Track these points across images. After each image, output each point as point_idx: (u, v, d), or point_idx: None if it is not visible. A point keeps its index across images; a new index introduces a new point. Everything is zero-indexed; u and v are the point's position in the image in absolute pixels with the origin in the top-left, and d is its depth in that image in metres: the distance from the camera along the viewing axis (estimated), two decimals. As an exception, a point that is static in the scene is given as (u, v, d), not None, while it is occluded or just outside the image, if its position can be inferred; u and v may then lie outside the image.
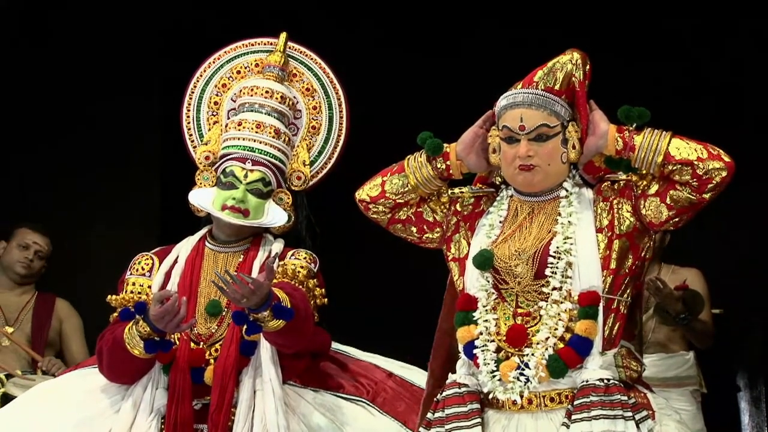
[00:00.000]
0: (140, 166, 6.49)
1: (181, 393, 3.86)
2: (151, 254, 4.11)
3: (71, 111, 6.46)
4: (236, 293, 3.62)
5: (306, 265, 4.01)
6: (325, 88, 4.31)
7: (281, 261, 4.00)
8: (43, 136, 6.46)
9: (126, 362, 3.86)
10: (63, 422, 3.89)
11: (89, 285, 4.45)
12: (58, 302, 5.84)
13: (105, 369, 3.93)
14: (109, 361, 3.89)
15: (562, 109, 3.41)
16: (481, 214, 3.53)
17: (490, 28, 6.44)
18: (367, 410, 3.97)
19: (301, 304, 3.81)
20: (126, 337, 3.81)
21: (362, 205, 3.62)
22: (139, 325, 3.80)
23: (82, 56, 6.48)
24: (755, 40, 6.20)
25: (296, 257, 4.03)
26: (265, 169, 4.07)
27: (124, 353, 3.83)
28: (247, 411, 3.84)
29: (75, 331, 5.82)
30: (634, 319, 3.49)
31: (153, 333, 3.79)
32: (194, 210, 4.15)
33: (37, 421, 3.92)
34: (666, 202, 3.33)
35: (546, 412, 3.32)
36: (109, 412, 3.91)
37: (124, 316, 3.88)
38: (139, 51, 6.52)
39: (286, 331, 3.75)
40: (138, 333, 3.80)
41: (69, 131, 6.47)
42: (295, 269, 3.98)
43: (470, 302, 3.41)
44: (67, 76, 6.46)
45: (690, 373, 5.68)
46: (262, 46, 4.35)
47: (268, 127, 4.11)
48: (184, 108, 4.31)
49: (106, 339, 3.90)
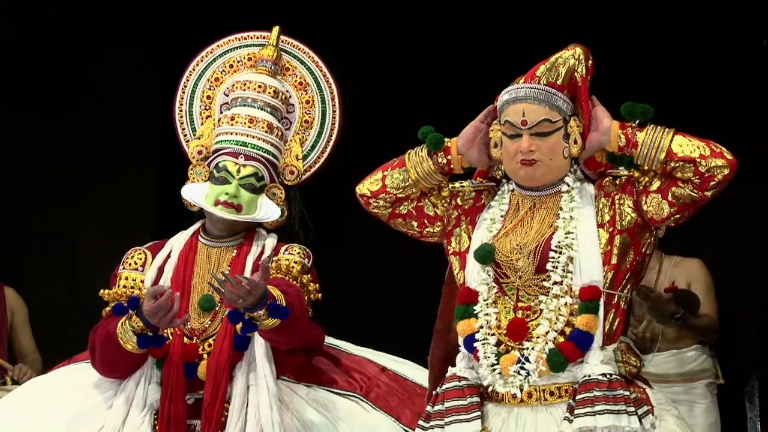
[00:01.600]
0: (134, 159, 6.46)
1: (175, 388, 3.83)
2: (144, 249, 4.08)
3: (65, 103, 6.43)
4: (232, 294, 3.61)
5: (300, 260, 4.00)
6: (318, 82, 4.30)
7: (275, 256, 3.99)
8: (37, 130, 6.42)
9: (119, 357, 3.83)
10: (56, 418, 3.87)
11: (81, 280, 4.41)
12: (7, 291, 5.65)
13: (98, 363, 3.91)
14: (101, 355, 3.87)
15: (564, 104, 3.42)
16: (482, 208, 3.54)
17: (490, 21, 6.44)
18: (361, 405, 3.96)
19: (296, 302, 3.80)
20: (119, 332, 3.78)
21: (363, 200, 3.61)
22: (132, 320, 3.77)
23: (76, 48, 6.44)
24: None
25: (290, 252, 4.02)
26: (258, 164, 4.05)
27: (117, 348, 3.80)
28: (241, 407, 3.82)
29: (24, 322, 5.62)
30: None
31: (146, 328, 3.76)
32: (187, 205, 4.13)
33: (29, 417, 3.89)
34: (668, 198, 3.35)
35: (546, 406, 3.33)
36: (101, 408, 3.88)
37: (117, 311, 3.84)
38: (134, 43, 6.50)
39: (282, 329, 3.75)
40: (131, 328, 3.77)
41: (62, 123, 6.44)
42: (288, 264, 3.97)
43: (471, 296, 3.42)
44: (62, 68, 6.43)
45: (705, 366, 5.66)
46: (255, 40, 4.32)
47: (261, 121, 4.09)
48: (177, 102, 4.29)
49: (99, 334, 3.87)
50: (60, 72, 6.42)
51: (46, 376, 4.15)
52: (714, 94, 6.07)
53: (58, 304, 6.06)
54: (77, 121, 6.43)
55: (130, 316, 3.78)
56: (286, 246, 4.05)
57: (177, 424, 3.82)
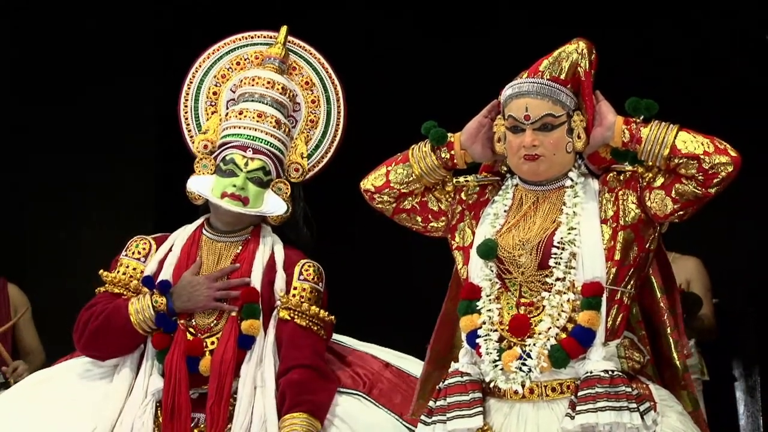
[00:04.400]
0: (136, 154, 6.47)
1: (178, 380, 3.84)
2: (149, 238, 4.09)
3: (67, 97, 6.44)
4: None
5: (314, 287, 3.99)
6: (323, 82, 4.31)
7: (286, 272, 3.99)
8: (39, 123, 6.44)
9: (117, 333, 3.88)
10: (56, 411, 3.88)
11: (83, 275, 4.41)
12: (10, 287, 5.68)
13: (84, 337, 3.93)
14: (95, 328, 3.90)
15: (568, 98, 3.41)
16: (486, 202, 3.53)
17: (493, 17, 6.44)
18: (363, 403, 3.95)
19: (323, 396, 3.88)
20: (133, 308, 3.88)
21: (367, 195, 3.61)
22: (154, 298, 3.88)
23: (78, 42, 6.46)
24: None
25: (305, 278, 4.00)
26: (266, 158, 4.06)
27: (121, 323, 3.87)
28: (248, 407, 3.84)
29: (28, 318, 5.64)
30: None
31: (167, 310, 3.87)
32: (192, 198, 4.13)
33: (29, 411, 3.90)
34: (671, 195, 3.33)
35: (547, 401, 3.32)
36: (101, 400, 3.89)
37: (146, 283, 3.96)
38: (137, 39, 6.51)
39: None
40: (153, 304, 3.87)
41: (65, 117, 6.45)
42: (300, 299, 3.96)
43: (474, 291, 3.41)
44: (64, 62, 6.44)
45: (691, 362, 5.67)
46: (263, 39, 4.33)
47: (270, 117, 4.10)
48: (182, 98, 4.29)
49: (99, 308, 3.92)
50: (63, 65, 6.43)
51: (46, 370, 4.16)
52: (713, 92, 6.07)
53: (60, 299, 6.05)
54: (79, 115, 6.45)
55: (153, 293, 3.89)
56: (301, 264, 4.02)
57: (181, 414, 3.83)
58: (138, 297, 3.92)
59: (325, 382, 3.90)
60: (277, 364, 3.91)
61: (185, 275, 3.94)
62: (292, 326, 3.92)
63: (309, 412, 3.82)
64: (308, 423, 3.80)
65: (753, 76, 6.14)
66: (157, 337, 3.91)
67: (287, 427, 3.79)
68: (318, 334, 3.94)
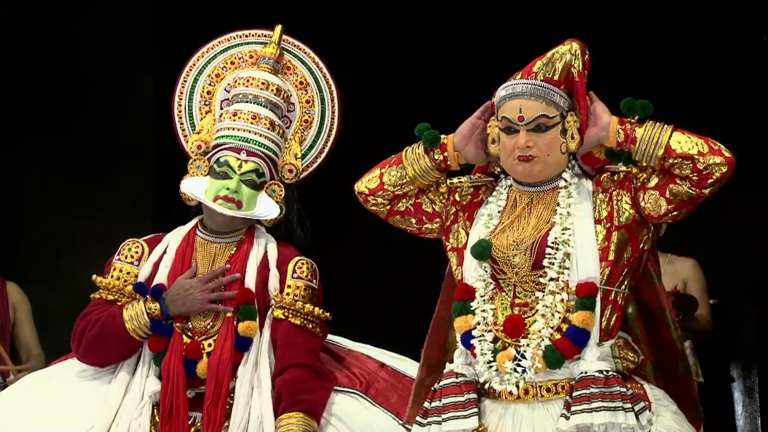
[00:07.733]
0: (133, 153, 6.47)
1: (176, 383, 3.85)
2: (142, 241, 4.08)
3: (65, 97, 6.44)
4: None
5: (308, 284, 3.99)
6: (318, 82, 4.30)
7: (279, 270, 3.99)
8: (36, 123, 6.44)
9: (114, 341, 3.89)
10: (54, 410, 3.88)
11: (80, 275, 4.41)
12: (9, 286, 5.69)
13: (83, 346, 3.93)
14: (92, 337, 3.90)
15: (561, 99, 3.41)
16: (480, 203, 3.53)
17: (488, 18, 6.44)
18: (360, 403, 3.96)
19: (319, 395, 3.88)
20: (128, 314, 3.87)
21: (361, 197, 3.61)
22: (148, 304, 3.88)
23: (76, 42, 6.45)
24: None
25: (299, 276, 4.00)
26: (260, 160, 4.05)
27: (114, 331, 3.87)
28: (245, 407, 3.85)
29: (27, 317, 5.65)
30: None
31: (161, 315, 3.87)
32: (185, 199, 4.12)
33: (28, 410, 3.90)
34: (665, 195, 3.33)
35: (542, 402, 3.33)
36: (99, 400, 3.90)
37: (138, 290, 3.95)
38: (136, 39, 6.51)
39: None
40: (147, 310, 3.87)
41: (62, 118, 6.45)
42: (294, 297, 3.96)
43: (468, 292, 3.41)
44: (62, 61, 6.43)
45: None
46: (257, 38, 4.32)
47: (264, 118, 4.09)
48: (176, 97, 4.28)
49: (95, 316, 3.92)
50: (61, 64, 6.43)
51: (45, 370, 4.16)
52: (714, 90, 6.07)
53: (57, 299, 6.06)
54: (76, 115, 6.44)
55: (146, 299, 3.88)
56: (294, 262, 4.02)
57: (179, 416, 3.84)
58: (132, 303, 3.92)
59: (320, 380, 3.90)
60: (272, 364, 3.91)
61: (178, 280, 3.94)
62: (286, 325, 3.92)
63: (305, 411, 3.82)
64: (305, 422, 3.80)
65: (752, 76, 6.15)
66: (153, 340, 3.91)
67: (284, 427, 3.80)
68: (313, 332, 3.94)
